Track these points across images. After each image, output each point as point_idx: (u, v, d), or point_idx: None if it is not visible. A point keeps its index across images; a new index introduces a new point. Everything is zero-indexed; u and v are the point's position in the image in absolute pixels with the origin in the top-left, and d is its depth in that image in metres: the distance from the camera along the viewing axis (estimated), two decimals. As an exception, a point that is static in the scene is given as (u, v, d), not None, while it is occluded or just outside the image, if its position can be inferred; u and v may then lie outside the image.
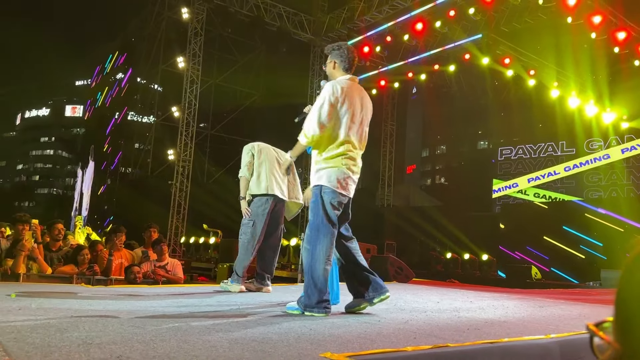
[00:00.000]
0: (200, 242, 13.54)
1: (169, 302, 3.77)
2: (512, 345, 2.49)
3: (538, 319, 3.66)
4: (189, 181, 14.81)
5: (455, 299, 4.80)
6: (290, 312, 3.31)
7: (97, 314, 3.01)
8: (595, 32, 11.73)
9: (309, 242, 3.28)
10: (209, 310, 3.42)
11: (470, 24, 13.41)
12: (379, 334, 2.70)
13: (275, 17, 15.46)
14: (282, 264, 10.68)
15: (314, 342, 2.38)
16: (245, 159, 5.08)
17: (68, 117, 68.50)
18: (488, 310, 3.98)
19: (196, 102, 15.06)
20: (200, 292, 4.93)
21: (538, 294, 6.11)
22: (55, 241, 6.47)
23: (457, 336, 2.67)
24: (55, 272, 5.82)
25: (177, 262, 6.56)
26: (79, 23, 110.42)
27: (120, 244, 6.54)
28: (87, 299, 3.70)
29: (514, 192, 15.85)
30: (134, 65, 25.98)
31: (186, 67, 15.12)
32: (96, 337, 2.25)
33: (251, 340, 2.37)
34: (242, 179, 5.04)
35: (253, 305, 3.89)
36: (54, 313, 2.94)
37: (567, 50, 13.89)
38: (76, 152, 51.11)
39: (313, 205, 3.35)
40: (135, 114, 25.94)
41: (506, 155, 17.01)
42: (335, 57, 3.56)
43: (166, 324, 2.77)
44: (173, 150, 15.77)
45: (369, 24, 14.82)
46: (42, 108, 72.24)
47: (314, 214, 3.34)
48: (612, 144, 14.48)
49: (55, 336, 2.23)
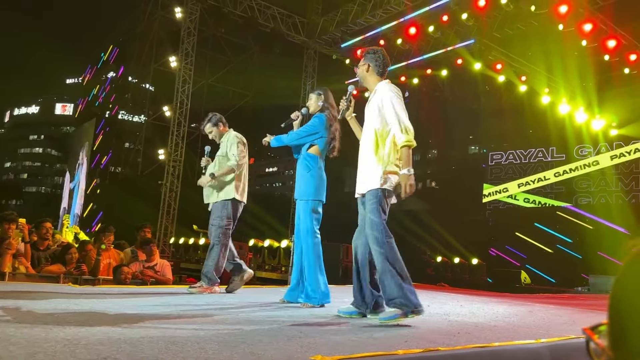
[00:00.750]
0: (189, 243, 13.45)
1: (158, 303, 3.73)
2: (503, 350, 2.49)
3: (528, 323, 3.66)
4: (180, 181, 14.72)
5: (445, 302, 4.79)
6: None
7: (83, 314, 2.97)
8: (586, 39, 11.82)
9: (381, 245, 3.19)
10: (198, 312, 3.38)
11: (462, 29, 13.47)
12: (369, 337, 2.68)
13: (269, 19, 15.43)
14: (273, 266, 10.62)
15: (305, 345, 2.35)
16: (238, 148, 4.89)
17: (58, 115, 67.90)
18: (478, 314, 3.98)
19: (188, 102, 14.98)
20: (188, 292, 4.88)
21: (527, 299, 6.13)
22: (43, 240, 6.40)
23: (447, 340, 2.66)
24: (42, 272, 5.75)
25: (166, 263, 6.51)
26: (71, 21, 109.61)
27: (109, 244, 6.48)
28: (74, 298, 3.64)
29: (504, 197, 15.91)
30: (125, 64, 25.82)
31: (178, 66, 15.03)
32: (82, 338, 2.21)
33: (241, 342, 2.34)
34: (229, 169, 4.81)
35: (243, 306, 3.86)
36: (40, 313, 2.89)
37: (558, 57, 13.98)
38: (65, 151, 50.70)
39: (376, 206, 3.25)
40: (126, 113, 25.76)
41: (497, 160, 17.08)
42: (369, 61, 3.55)
43: (154, 324, 2.73)
44: (164, 150, 15.67)
45: (363, 27, 14.83)
46: (31, 106, 71.56)
47: (378, 213, 3.24)
48: (601, 151, 14.59)
49: (40, 336, 2.19)
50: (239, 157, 4.84)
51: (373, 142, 3.36)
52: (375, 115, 3.39)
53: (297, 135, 4.27)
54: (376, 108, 3.40)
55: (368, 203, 3.29)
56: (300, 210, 4.15)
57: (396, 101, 3.34)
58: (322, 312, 3.71)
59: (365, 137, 3.45)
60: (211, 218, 4.91)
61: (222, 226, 4.82)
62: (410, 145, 3.27)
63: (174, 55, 15.58)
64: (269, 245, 11.08)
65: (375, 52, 3.58)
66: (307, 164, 4.17)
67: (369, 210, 3.26)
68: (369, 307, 3.37)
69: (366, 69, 3.55)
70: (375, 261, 3.23)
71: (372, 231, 3.21)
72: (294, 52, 17.35)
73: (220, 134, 5.11)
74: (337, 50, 16.07)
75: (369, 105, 3.51)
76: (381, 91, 3.43)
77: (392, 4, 13.59)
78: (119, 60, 27.69)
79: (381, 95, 3.40)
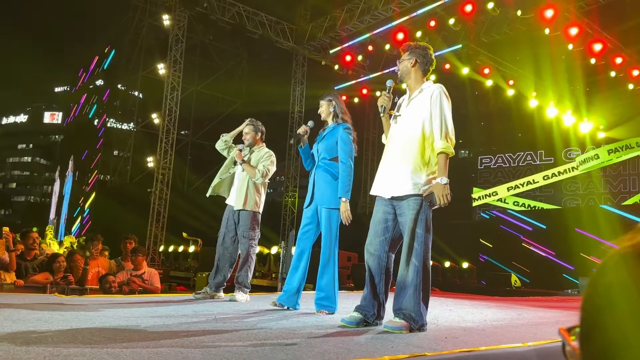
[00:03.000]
0: (179, 251, 13.36)
1: (144, 312, 3.69)
2: (490, 354, 2.48)
3: (516, 326, 3.66)
4: (169, 189, 14.64)
5: (434, 307, 4.78)
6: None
7: (67, 324, 2.92)
8: (572, 43, 11.95)
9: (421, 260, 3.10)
10: (184, 321, 3.35)
11: (450, 34, 13.57)
12: (356, 343, 2.66)
13: (258, 25, 15.44)
14: (263, 273, 10.57)
15: (290, 353, 2.33)
16: (273, 166, 4.99)
17: (47, 123, 67.42)
18: (467, 319, 3.97)
19: (177, 109, 14.94)
20: (176, 300, 4.84)
21: (517, 302, 6.14)
22: (30, 250, 6.32)
23: (434, 345, 2.65)
24: (28, 282, 5.67)
25: (154, 272, 6.45)
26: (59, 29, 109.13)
27: (96, 253, 6.42)
28: (59, 309, 3.59)
29: (493, 200, 15.99)
30: (114, 71, 25.72)
31: (167, 73, 14.99)
32: (64, 349, 2.18)
33: (225, 351, 2.31)
34: (255, 172, 4.89)
35: (230, 315, 3.82)
36: (22, 324, 2.84)
37: (545, 61, 14.11)
38: (54, 160, 50.33)
39: (422, 217, 3.16)
40: (115, 121, 25.63)
41: (486, 164, 17.17)
42: (416, 56, 3.40)
43: (138, 334, 2.70)
44: (153, 157, 15.59)
45: (351, 33, 14.89)
46: (20, 114, 71.02)
47: (423, 225, 3.15)
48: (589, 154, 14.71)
49: (20, 348, 2.15)
50: (267, 173, 4.92)
51: (418, 143, 3.21)
52: (424, 115, 3.24)
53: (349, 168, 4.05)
54: (424, 108, 3.25)
55: (411, 211, 3.16)
56: (324, 218, 4.11)
57: (446, 105, 3.22)
58: (326, 319, 3.66)
59: (407, 136, 3.27)
60: (241, 228, 4.91)
61: (253, 238, 4.92)
62: (448, 153, 3.14)
63: (162, 63, 15.54)
64: (259, 252, 11.04)
65: (424, 48, 3.42)
66: (334, 172, 4.11)
67: (414, 219, 3.13)
68: (375, 315, 3.28)
69: (412, 63, 3.39)
70: (408, 272, 3.10)
71: (415, 243, 3.12)
72: (282, 58, 17.38)
73: (254, 141, 5.11)
74: (326, 56, 16.12)
75: (412, 104, 3.36)
76: (431, 91, 3.28)
77: (380, 10, 13.66)
78: (108, 68, 27.59)
79: (432, 95, 3.25)
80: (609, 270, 0.57)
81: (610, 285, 0.56)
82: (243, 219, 4.89)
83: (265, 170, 4.90)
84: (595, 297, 0.58)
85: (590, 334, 0.57)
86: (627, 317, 0.52)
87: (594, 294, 0.58)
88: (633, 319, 0.52)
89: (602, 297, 0.56)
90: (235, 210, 4.93)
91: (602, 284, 0.57)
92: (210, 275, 5.01)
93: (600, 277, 0.58)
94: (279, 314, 3.93)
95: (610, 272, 0.57)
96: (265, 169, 4.91)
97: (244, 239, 4.87)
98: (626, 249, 0.56)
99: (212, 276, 4.98)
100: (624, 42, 12.58)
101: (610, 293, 0.55)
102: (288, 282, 4.25)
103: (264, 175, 4.90)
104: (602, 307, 0.56)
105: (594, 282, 0.59)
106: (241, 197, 4.90)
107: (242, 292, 4.83)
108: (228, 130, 5.34)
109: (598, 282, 0.58)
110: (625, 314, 0.53)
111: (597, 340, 0.55)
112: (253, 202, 4.91)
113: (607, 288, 0.56)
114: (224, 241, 4.97)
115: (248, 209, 4.88)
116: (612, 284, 0.56)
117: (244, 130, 5.16)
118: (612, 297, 0.55)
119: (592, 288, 0.59)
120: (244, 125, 5.18)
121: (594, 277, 0.59)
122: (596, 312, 0.56)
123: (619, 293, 0.54)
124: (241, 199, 4.90)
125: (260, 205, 5.00)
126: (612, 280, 0.56)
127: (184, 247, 13.11)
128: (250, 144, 5.10)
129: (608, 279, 0.57)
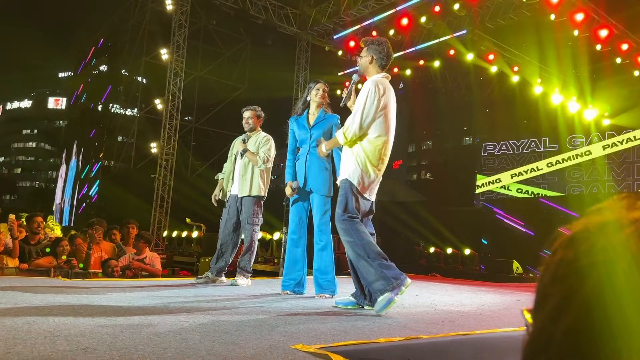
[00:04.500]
0: (183, 236, 13.43)
1: (145, 295, 3.73)
2: (485, 337, 2.51)
3: (514, 311, 3.69)
4: (172, 175, 14.67)
5: (434, 292, 4.82)
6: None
7: (69, 306, 2.97)
8: (578, 29, 11.82)
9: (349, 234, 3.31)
10: (184, 303, 3.39)
11: (455, 20, 13.45)
12: (353, 326, 2.69)
13: (261, 10, 15.34)
14: (265, 258, 10.64)
15: (287, 335, 2.36)
16: (272, 150, 5.02)
17: (51, 109, 67.46)
18: (465, 303, 4.00)
19: (180, 94, 14.91)
20: (178, 285, 4.89)
21: (517, 288, 6.17)
22: (34, 234, 6.38)
23: (431, 328, 2.68)
24: (32, 265, 5.73)
25: (156, 256, 6.50)
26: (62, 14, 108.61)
27: (99, 237, 6.47)
28: (61, 292, 3.64)
29: (497, 187, 15.97)
30: (117, 57, 25.65)
31: (170, 59, 14.94)
32: (64, 329, 2.21)
33: (223, 332, 2.35)
34: (256, 159, 4.93)
35: (230, 298, 3.86)
36: (25, 305, 2.89)
37: (550, 47, 13.98)
38: (59, 145, 50.44)
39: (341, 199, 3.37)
40: (118, 107, 25.62)
41: (490, 151, 17.11)
42: (373, 52, 3.51)
43: (138, 316, 2.74)
44: (156, 143, 15.61)
45: (355, 19, 14.77)
46: (24, 100, 71.05)
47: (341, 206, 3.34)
48: (593, 141, 14.64)
49: (22, 328, 2.19)
50: (268, 159, 4.96)
51: None
52: None
53: None
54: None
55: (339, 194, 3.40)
56: (319, 204, 4.15)
57: (364, 100, 3.33)
58: (325, 302, 3.71)
59: None
60: (244, 214, 4.95)
61: (257, 224, 4.97)
62: (338, 141, 3.42)
63: (165, 48, 15.49)
64: (261, 238, 11.10)
65: (380, 43, 3.53)
66: (327, 161, 4.16)
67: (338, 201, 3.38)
68: (367, 299, 3.37)
69: (369, 60, 3.52)
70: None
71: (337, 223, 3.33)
72: (286, 44, 17.27)
73: (255, 126, 5.13)
74: (330, 41, 16.01)
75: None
76: (366, 84, 3.43)
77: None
78: (111, 54, 27.52)
79: (364, 88, 3.41)
80: (609, 237, 0.52)
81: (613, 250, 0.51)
82: (246, 205, 4.92)
83: (265, 156, 4.94)
84: (584, 261, 0.52)
85: (569, 303, 0.51)
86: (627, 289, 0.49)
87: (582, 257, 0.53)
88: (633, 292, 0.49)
89: (600, 263, 0.51)
90: (239, 197, 4.96)
91: (600, 249, 0.52)
92: (212, 261, 5.07)
93: (598, 239, 0.53)
94: (279, 297, 3.97)
95: (613, 239, 0.52)
96: (265, 155, 4.94)
97: (248, 225, 4.91)
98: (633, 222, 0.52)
99: (213, 261, 5.04)
100: (631, 28, 12.43)
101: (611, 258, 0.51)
102: (290, 271, 4.28)
103: (265, 161, 4.93)
104: (601, 274, 0.51)
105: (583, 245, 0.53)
106: (246, 184, 4.93)
107: (243, 277, 4.88)
108: (230, 116, 5.41)
109: (594, 245, 0.53)
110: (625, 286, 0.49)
111: (578, 311, 0.50)
112: (258, 188, 4.94)
113: (606, 253, 0.51)
114: (226, 227, 5.01)
115: (253, 194, 4.91)
116: (616, 250, 0.51)
117: (244, 115, 5.18)
118: (613, 263, 0.50)
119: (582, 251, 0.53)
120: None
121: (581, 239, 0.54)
122: (583, 278, 0.51)
123: (622, 260, 0.50)
124: (246, 185, 4.93)
125: (265, 190, 5.03)
126: (614, 246, 0.51)
127: (187, 233, 13.18)
128: (251, 129, 5.12)
129: (610, 244, 0.52)
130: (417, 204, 17.20)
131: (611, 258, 0.51)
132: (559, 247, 0.57)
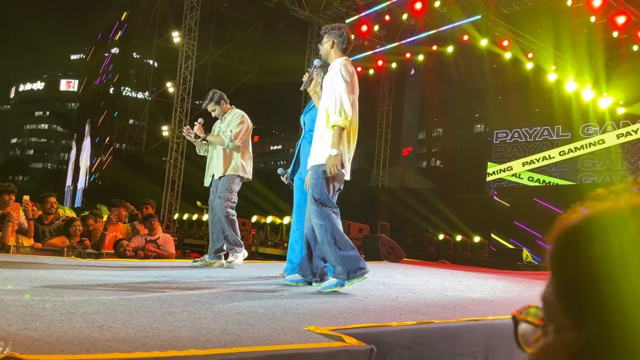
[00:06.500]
0: (193, 219, 13.53)
1: (157, 275, 3.77)
2: (496, 323, 2.50)
3: (525, 298, 3.68)
4: (183, 158, 14.73)
5: (444, 278, 4.82)
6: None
7: (83, 285, 3.00)
8: (595, 15, 11.62)
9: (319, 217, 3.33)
10: (197, 284, 3.42)
11: (469, 5, 13.26)
12: (365, 309, 2.70)
13: (273, -7, 15.22)
14: (275, 242, 10.69)
15: (299, 316, 2.38)
16: (239, 127, 4.87)
17: (63, 91, 67.76)
18: (476, 290, 4.00)
19: (191, 78, 14.90)
20: (189, 266, 4.93)
21: (527, 275, 6.16)
22: (48, 214, 6.44)
23: (442, 313, 2.68)
24: (45, 245, 5.80)
25: (169, 237, 6.55)
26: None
27: (115, 218, 6.49)
28: (76, 270, 3.69)
29: (508, 175, 15.87)
30: (129, 39, 25.66)
31: (181, 42, 14.91)
32: (80, 307, 2.24)
33: (236, 313, 2.37)
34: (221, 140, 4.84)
35: (242, 279, 3.89)
36: (40, 283, 2.93)
37: (565, 34, 13.77)
38: (71, 127, 50.75)
39: (316, 182, 3.37)
40: (130, 90, 25.70)
41: (502, 138, 16.98)
42: (334, 37, 3.57)
43: (152, 296, 2.77)
44: (167, 126, 15.66)
45: (368, 2, 14.62)
46: (36, 82, 71.38)
47: (317, 190, 3.34)
48: (607, 129, 14.47)
49: (38, 305, 2.22)
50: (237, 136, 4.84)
51: (324, 118, 3.40)
52: (327, 92, 3.42)
53: None
54: (329, 85, 3.42)
55: (310, 179, 3.43)
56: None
57: (340, 82, 3.33)
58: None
59: (320, 112, 3.50)
60: (218, 190, 4.91)
61: (229, 199, 4.86)
62: (341, 126, 3.30)
63: (177, 31, 15.45)
64: (271, 222, 11.14)
65: (340, 28, 3.63)
66: None
67: (310, 185, 3.41)
68: (315, 277, 3.49)
69: (330, 45, 3.57)
70: (316, 232, 3.34)
71: (310, 205, 3.35)
72: (297, 28, 17.16)
73: (223, 111, 5.10)
74: (342, 26, 15.88)
75: (325, 81, 3.55)
76: (332, 69, 3.45)
77: (398, -21, 13.37)
78: (123, 36, 27.52)
79: (331, 72, 3.43)
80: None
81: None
82: (222, 183, 4.89)
83: (233, 134, 4.82)
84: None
85: (603, 305, 0.49)
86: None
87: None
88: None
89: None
90: (217, 179, 4.95)
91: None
92: (210, 244, 5.13)
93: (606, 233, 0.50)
94: (281, 281, 3.99)
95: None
96: (232, 133, 4.83)
97: (219, 199, 4.85)
98: None
99: (211, 244, 5.09)
100: (650, 15, 12.19)
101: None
102: (289, 254, 4.24)
103: (234, 139, 4.83)
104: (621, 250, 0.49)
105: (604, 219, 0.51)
106: (218, 166, 4.90)
107: (235, 253, 4.85)
108: (241, 100, 5.35)
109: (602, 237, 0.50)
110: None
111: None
112: (232, 166, 4.86)
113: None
114: (212, 210, 5.05)
115: (229, 173, 4.85)
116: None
117: (209, 109, 5.14)
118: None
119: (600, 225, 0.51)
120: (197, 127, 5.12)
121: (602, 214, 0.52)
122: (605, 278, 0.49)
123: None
124: (219, 167, 4.90)
125: (245, 169, 4.92)
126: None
127: (198, 216, 13.27)
128: (221, 114, 5.09)
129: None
130: (426, 191, 17.16)
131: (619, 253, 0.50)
132: (567, 238, 0.54)
